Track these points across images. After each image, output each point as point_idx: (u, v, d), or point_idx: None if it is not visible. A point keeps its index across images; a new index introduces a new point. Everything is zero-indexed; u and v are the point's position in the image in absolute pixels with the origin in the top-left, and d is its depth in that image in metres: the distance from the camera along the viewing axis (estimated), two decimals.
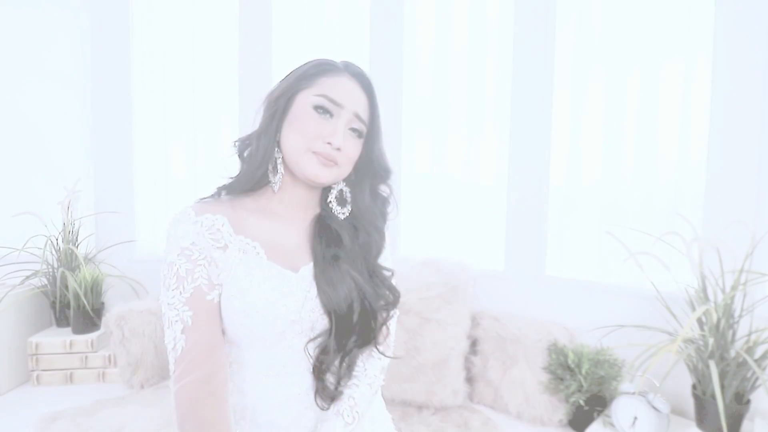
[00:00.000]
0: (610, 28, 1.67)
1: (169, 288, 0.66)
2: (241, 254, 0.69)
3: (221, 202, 0.74)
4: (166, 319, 0.67)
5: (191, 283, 0.65)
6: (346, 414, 0.70)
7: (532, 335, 1.61)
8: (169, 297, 0.66)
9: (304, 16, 2.09)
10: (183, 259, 0.66)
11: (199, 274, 0.66)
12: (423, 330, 1.63)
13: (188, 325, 0.64)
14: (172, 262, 0.66)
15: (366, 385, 0.73)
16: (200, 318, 0.66)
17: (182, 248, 0.66)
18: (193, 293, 0.65)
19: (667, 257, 1.43)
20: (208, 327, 0.67)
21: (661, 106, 1.59)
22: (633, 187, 1.66)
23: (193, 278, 0.65)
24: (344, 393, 0.71)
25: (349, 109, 0.72)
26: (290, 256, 0.74)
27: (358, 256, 0.74)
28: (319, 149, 0.70)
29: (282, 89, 0.74)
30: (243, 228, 0.72)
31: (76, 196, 2.00)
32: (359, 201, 0.77)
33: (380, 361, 0.76)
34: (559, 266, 1.78)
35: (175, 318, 0.65)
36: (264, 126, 0.74)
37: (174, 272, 0.66)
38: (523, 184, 1.77)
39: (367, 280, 0.73)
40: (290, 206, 0.77)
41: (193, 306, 0.65)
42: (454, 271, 1.71)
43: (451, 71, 1.92)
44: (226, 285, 0.68)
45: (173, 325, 0.65)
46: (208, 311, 0.67)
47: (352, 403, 0.71)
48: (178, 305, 0.65)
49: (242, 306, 0.68)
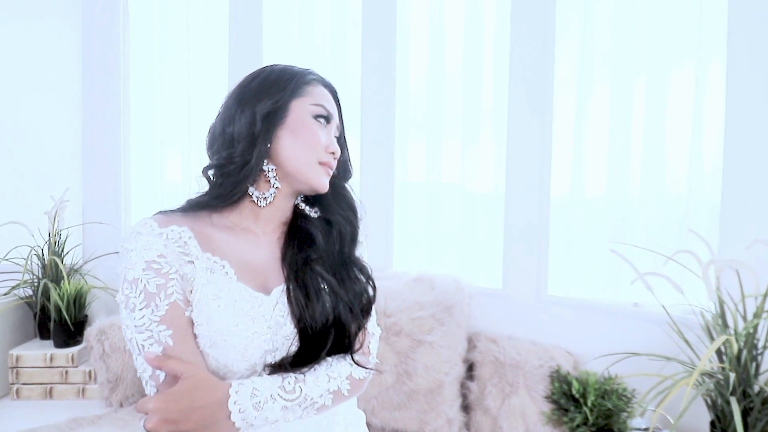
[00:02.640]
0: (614, 31, 1.58)
1: (136, 308, 0.59)
2: (208, 274, 0.63)
3: (185, 215, 0.67)
4: (135, 346, 0.59)
5: (165, 299, 0.59)
6: (287, 382, 0.61)
7: (533, 360, 1.49)
8: (136, 319, 0.58)
9: (295, 19, 2.05)
10: (151, 274, 0.59)
11: (173, 289, 0.60)
12: (415, 353, 1.52)
13: (169, 346, 0.58)
14: (137, 279, 0.59)
15: (324, 374, 0.64)
16: (181, 336, 0.59)
17: (148, 262, 0.60)
18: (169, 309, 0.59)
19: (680, 277, 1.31)
20: (190, 347, 0.60)
21: (670, 114, 1.49)
22: (641, 200, 1.55)
23: (167, 293, 0.59)
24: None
25: (335, 119, 0.73)
26: (261, 277, 0.68)
27: (332, 252, 0.71)
28: (324, 159, 0.69)
29: (271, 97, 0.68)
30: (210, 245, 0.65)
31: (63, 205, 1.95)
32: (329, 195, 0.74)
33: (351, 367, 0.67)
34: (561, 285, 1.66)
35: (149, 341, 0.58)
36: (250, 135, 0.67)
37: (140, 289, 0.59)
38: (522, 195, 1.66)
39: (343, 281, 0.70)
40: (266, 221, 0.72)
41: (171, 323, 0.58)
42: (448, 289, 1.61)
43: (445, 75, 1.84)
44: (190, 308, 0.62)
45: (148, 349, 0.57)
46: (188, 329, 0.60)
47: (300, 378, 0.62)
48: (151, 326, 0.58)
49: (208, 333, 0.61)
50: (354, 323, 0.69)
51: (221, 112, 0.71)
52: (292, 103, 0.69)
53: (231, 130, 0.68)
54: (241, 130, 0.67)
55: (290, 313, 0.65)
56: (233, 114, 0.68)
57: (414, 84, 1.89)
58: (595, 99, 1.61)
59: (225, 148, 0.68)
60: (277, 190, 0.69)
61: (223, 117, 0.70)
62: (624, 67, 1.55)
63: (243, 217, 0.70)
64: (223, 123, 0.70)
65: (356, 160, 1.89)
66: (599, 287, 1.64)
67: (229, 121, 0.69)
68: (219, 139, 0.69)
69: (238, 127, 0.67)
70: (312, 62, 0.78)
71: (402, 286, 1.65)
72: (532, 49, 1.63)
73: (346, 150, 0.78)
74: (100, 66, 2.15)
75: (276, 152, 0.68)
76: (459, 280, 1.65)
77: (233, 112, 0.69)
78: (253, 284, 0.65)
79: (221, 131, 0.69)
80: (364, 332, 0.71)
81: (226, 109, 0.70)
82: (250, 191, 0.69)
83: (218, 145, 0.69)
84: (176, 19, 2.17)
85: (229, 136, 0.68)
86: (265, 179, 0.69)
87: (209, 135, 0.72)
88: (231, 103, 0.70)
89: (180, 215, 0.67)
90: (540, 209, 1.63)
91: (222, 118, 0.70)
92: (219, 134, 0.70)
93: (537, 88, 1.63)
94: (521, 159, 1.66)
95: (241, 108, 0.68)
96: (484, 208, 1.80)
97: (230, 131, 0.68)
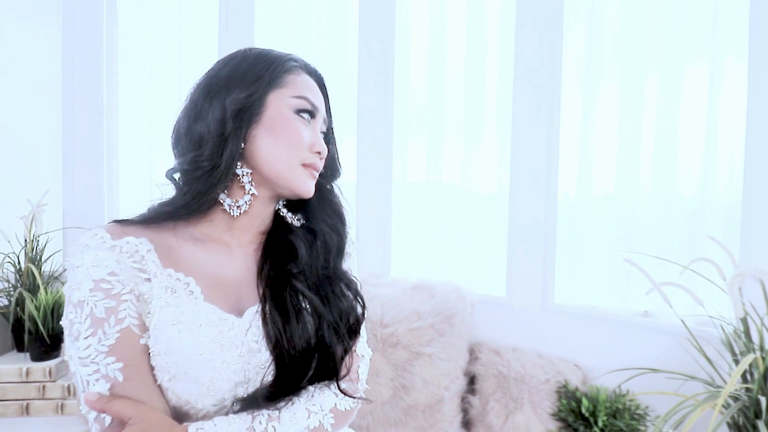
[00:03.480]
0: (623, 26, 1.49)
1: (80, 336, 0.50)
2: (168, 294, 0.54)
3: (145, 225, 0.57)
4: (78, 381, 0.50)
5: (115, 325, 0.51)
6: (258, 422, 0.52)
7: (539, 374, 1.39)
8: (80, 349, 0.50)
9: (290, 9, 1.94)
10: (99, 295, 0.51)
11: (126, 313, 0.52)
12: (412, 366, 1.43)
13: (118, 382, 0.50)
14: (83, 301, 0.51)
15: (303, 408, 0.55)
16: (134, 370, 0.51)
17: (96, 281, 0.52)
18: (119, 338, 0.51)
19: (696, 285, 1.22)
20: (144, 382, 0.51)
21: (683, 113, 1.40)
22: (651, 202, 1.46)
23: (118, 318, 0.51)
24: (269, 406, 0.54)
25: (321, 113, 0.64)
26: (234, 295, 0.59)
27: (316, 265, 0.63)
28: (309, 160, 0.60)
29: (244, 88, 0.58)
30: (174, 259, 0.56)
31: (42, 209, 1.85)
32: (313, 200, 0.66)
33: (336, 397, 0.59)
34: (568, 292, 1.57)
35: (94, 376, 0.49)
36: (219, 134, 0.57)
37: (86, 314, 0.51)
38: (527, 195, 1.56)
39: (327, 298, 0.62)
40: (242, 231, 0.62)
41: (121, 354, 0.50)
42: (449, 297, 1.51)
43: (447, 70, 1.74)
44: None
45: (93, 385, 0.49)
46: (143, 360, 0.51)
47: (274, 416, 0.53)
48: (97, 357, 0.50)
49: (167, 364, 0.52)
50: (340, 346, 0.60)
51: (186, 105, 0.61)
52: (270, 95, 0.59)
53: (198, 128, 0.58)
54: (209, 129, 0.57)
55: (265, 337, 0.56)
56: (200, 108, 0.59)
57: (414, 79, 1.79)
58: (603, 96, 1.52)
59: (191, 150, 0.58)
60: (253, 197, 0.60)
61: (189, 111, 0.60)
62: (634, 63, 1.46)
63: (214, 227, 0.61)
64: (188, 119, 0.60)
65: (352, 160, 1.80)
66: (607, 294, 1.55)
67: (195, 116, 0.59)
68: (184, 139, 0.60)
69: (205, 125, 0.58)
70: (307, 53, 0.68)
71: (400, 294, 1.56)
72: (538, 44, 1.53)
73: (334, 145, 0.69)
74: (82, 63, 2.04)
75: (251, 154, 0.59)
76: (460, 288, 1.55)
77: (200, 105, 0.59)
78: (224, 304, 0.57)
79: (187, 129, 0.60)
80: (351, 356, 0.62)
81: (191, 102, 0.60)
82: (221, 199, 0.59)
83: (183, 146, 0.60)
84: (166, 14, 2.06)
85: (196, 135, 0.58)
86: (239, 185, 0.60)
87: (174, 132, 0.62)
88: (198, 95, 0.60)
89: (139, 225, 0.57)
90: (546, 210, 1.54)
91: (187, 112, 0.60)
92: (184, 132, 0.60)
93: (543, 84, 1.53)
94: (527, 158, 1.56)
95: (209, 101, 0.58)
96: (487, 209, 1.71)
97: (197, 129, 0.58)
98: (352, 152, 1.80)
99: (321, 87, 0.66)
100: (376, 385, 1.41)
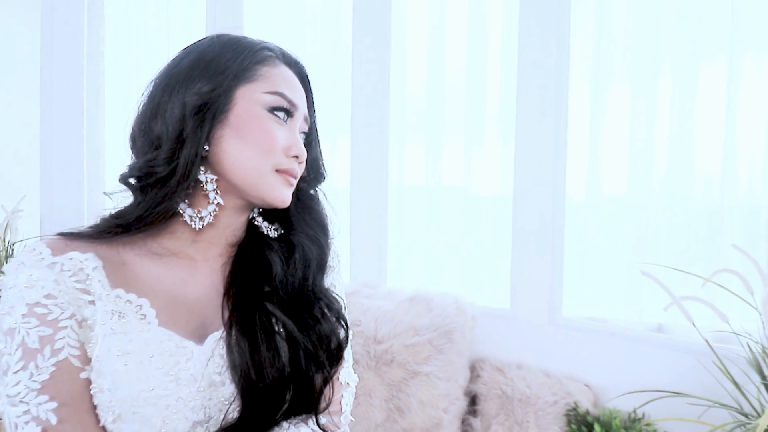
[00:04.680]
0: (634, 22, 1.40)
1: (9, 370, 0.44)
2: (115, 319, 0.48)
3: (95, 239, 0.50)
4: (7, 423, 0.45)
5: (51, 357, 0.45)
6: None
7: (546, 395, 1.29)
8: (9, 386, 0.44)
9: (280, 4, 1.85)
10: (33, 321, 0.45)
11: (64, 342, 0.46)
12: (408, 386, 1.32)
13: (50, 425, 0.43)
14: (13, 329, 0.45)
15: None
16: (71, 410, 0.44)
17: (30, 304, 0.46)
18: (55, 372, 0.44)
19: (716, 297, 1.12)
20: (83, 425, 0.45)
21: (699, 112, 1.31)
22: (667, 207, 1.37)
23: (54, 348, 0.45)
24: None
25: (302, 111, 0.56)
26: (197, 318, 0.53)
27: (293, 283, 0.55)
28: (284, 165, 0.53)
29: (207, 81, 0.50)
30: (125, 278, 0.51)
31: (17, 216, 1.75)
32: (293, 208, 0.59)
33: None
34: (577, 303, 1.47)
35: (23, 418, 0.43)
36: (177, 134, 0.49)
37: (17, 343, 0.45)
38: (532, 199, 1.46)
39: (305, 321, 0.54)
40: (208, 244, 0.55)
41: (56, 392, 0.44)
42: (448, 310, 1.41)
43: (446, 64, 1.64)
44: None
45: (22, 429, 0.43)
46: (83, 397, 0.46)
47: None
48: (27, 395, 0.43)
49: (111, 403, 0.46)
50: (319, 375, 0.53)
51: (144, 100, 0.53)
52: (238, 90, 0.51)
53: (155, 127, 0.51)
54: (167, 128, 0.50)
55: (230, 368, 0.48)
56: (158, 103, 0.51)
57: (411, 75, 1.69)
58: (613, 94, 1.43)
59: (146, 151, 0.51)
60: (218, 207, 0.53)
61: (146, 107, 0.52)
62: (646, 59, 1.37)
63: (176, 240, 0.53)
64: (144, 115, 0.52)
65: (346, 161, 1.69)
66: (618, 305, 1.46)
67: (152, 113, 0.52)
68: (140, 139, 0.53)
69: (163, 123, 0.50)
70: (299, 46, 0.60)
71: (395, 306, 1.45)
72: (543, 38, 1.43)
73: (318, 145, 0.61)
74: (61, 62, 1.94)
75: (216, 158, 0.51)
76: (460, 300, 1.44)
77: (158, 100, 0.51)
78: (184, 329, 0.51)
79: (144, 127, 0.52)
80: (333, 385, 0.55)
81: (149, 96, 0.53)
82: (181, 209, 0.52)
83: (139, 147, 0.53)
84: (155, 17, 1.98)
85: (153, 135, 0.51)
86: (202, 193, 0.52)
87: (131, 130, 0.55)
88: (156, 89, 0.52)
89: (88, 238, 0.51)
90: (554, 214, 1.43)
91: (144, 108, 0.53)
92: (140, 131, 0.52)
93: (549, 80, 1.43)
94: (532, 159, 1.46)
95: (167, 95, 0.51)
96: (490, 213, 1.61)
97: (154, 128, 0.51)
98: (345, 153, 1.70)
99: (303, 80, 0.58)
100: (369, 407, 1.31)
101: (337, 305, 0.57)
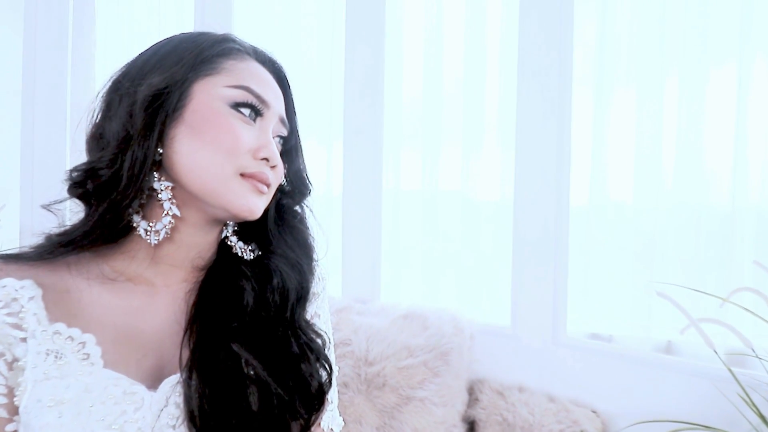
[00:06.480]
0: (639, 24, 1.34)
1: None
2: (50, 361, 0.42)
3: (36, 262, 0.46)
4: None
5: None
6: None
7: (550, 422, 1.19)
8: None
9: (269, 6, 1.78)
10: None
11: None
12: (402, 413, 1.23)
13: None
14: None
15: None
16: None
17: None
18: None
19: (733, 316, 1.03)
20: None
21: (708, 117, 1.25)
22: (675, 214, 1.31)
23: None
24: None
25: (275, 110, 0.50)
26: (152, 357, 0.46)
27: (267, 316, 0.48)
28: (251, 169, 0.46)
29: (160, 74, 0.46)
30: (69, 309, 0.44)
31: None
32: (273, 226, 0.52)
33: None
34: (581, 319, 1.38)
35: None
36: (123, 133, 0.45)
37: None
38: (534, 207, 1.37)
39: (279, 362, 0.47)
40: (169, 266, 0.48)
41: None
42: (444, 329, 1.32)
43: (443, 66, 1.56)
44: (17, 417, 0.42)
45: None
46: None
47: None
48: None
49: None
50: (296, 424, 0.46)
51: (99, 103, 0.49)
52: (196, 84, 0.46)
53: (105, 127, 0.47)
54: (113, 125, 0.45)
55: (187, 420, 0.42)
56: (109, 103, 0.48)
57: (407, 77, 1.61)
58: (618, 98, 1.36)
59: (93, 155, 0.48)
60: (175, 218, 0.46)
61: (98, 108, 0.49)
62: (652, 62, 1.31)
63: (131, 261, 0.47)
64: (99, 119, 0.49)
65: (338, 165, 1.62)
66: (624, 320, 1.37)
67: (104, 113, 0.48)
68: (91, 142, 0.49)
69: (110, 123, 0.46)
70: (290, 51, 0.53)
71: (389, 324, 1.36)
72: (545, 41, 1.35)
73: (301, 156, 0.55)
74: (44, 65, 1.88)
75: (171, 161, 0.45)
76: (458, 317, 1.36)
77: (109, 99, 0.48)
78: (135, 370, 0.44)
79: (94, 129, 0.49)
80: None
81: (103, 96, 0.49)
82: (134, 222, 0.46)
83: (89, 151, 0.49)
84: (145, 19, 1.93)
85: (102, 137, 0.46)
86: (158, 203, 0.46)
87: (85, 135, 0.50)
88: (110, 87, 0.49)
89: (29, 261, 0.46)
90: (557, 222, 1.34)
91: (97, 109, 0.49)
92: (92, 134, 0.49)
93: (551, 83, 1.35)
94: (534, 164, 1.38)
95: (119, 95, 0.47)
96: (489, 220, 1.53)
97: (105, 129, 0.47)
98: (338, 157, 1.63)
99: (280, 81, 0.52)
100: None
101: (318, 343, 0.51)
